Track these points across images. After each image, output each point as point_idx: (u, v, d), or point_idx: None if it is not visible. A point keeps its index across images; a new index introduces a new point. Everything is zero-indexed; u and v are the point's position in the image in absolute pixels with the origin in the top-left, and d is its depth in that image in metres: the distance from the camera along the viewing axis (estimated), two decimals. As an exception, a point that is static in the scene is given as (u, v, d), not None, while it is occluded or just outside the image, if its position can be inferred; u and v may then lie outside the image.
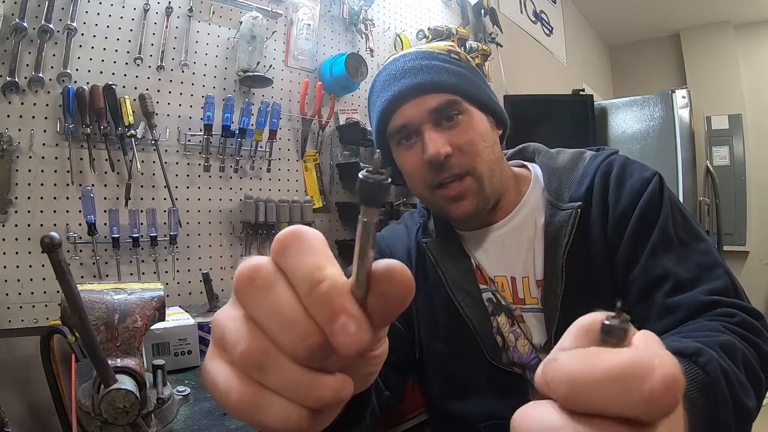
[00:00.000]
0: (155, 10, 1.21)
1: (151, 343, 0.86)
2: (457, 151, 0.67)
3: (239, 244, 1.35)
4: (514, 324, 0.72)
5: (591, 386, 0.20)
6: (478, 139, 0.69)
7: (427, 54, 0.71)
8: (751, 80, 3.75)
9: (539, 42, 3.00)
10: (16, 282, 0.99)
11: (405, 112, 0.69)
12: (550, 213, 0.69)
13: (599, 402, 0.20)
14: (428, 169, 0.68)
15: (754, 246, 3.51)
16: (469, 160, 0.68)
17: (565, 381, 0.20)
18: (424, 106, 0.67)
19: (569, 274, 0.65)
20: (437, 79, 0.68)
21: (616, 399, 0.19)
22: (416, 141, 0.70)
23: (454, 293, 0.72)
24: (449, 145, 0.66)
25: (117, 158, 1.12)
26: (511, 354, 0.72)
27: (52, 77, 1.04)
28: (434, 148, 0.66)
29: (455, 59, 0.72)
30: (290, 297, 0.22)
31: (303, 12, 1.51)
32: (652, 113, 2.31)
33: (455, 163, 0.67)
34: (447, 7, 2.12)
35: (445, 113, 0.68)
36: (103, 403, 0.49)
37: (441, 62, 0.70)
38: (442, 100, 0.67)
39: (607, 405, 0.19)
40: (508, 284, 0.72)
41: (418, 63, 0.70)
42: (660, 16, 3.82)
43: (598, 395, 0.19)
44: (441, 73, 0.69)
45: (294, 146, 1.50)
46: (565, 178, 0.71)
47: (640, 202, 0.64)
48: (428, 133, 0.67)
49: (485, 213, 0.72)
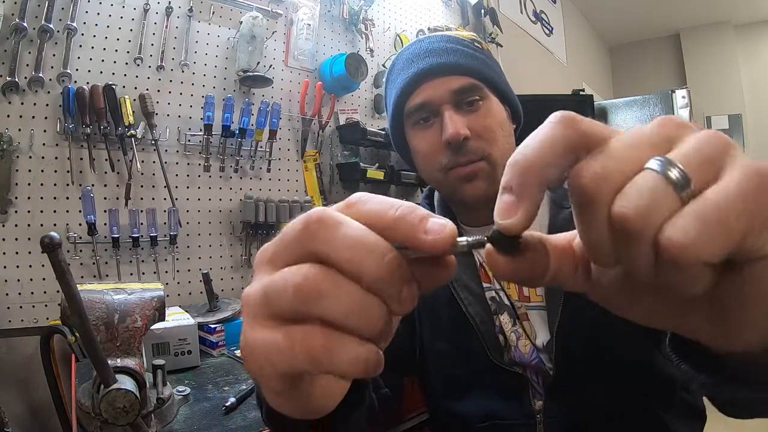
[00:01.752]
0: (155, 10, 1.21)
1: (151, 343, 0.86)
2: (475, 136, 0.67)
3: (239, 244, 1.35)
4: (516, 323, 0.72)
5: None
6: (497, 126, 0.69)
7: (453, 38, 0.72)
8: (751, 80, 3.76)
9: (539, 42, 3.00)
10: (16, 282, 0.99)
11: (426, 91, 0.68)
12: (553, 212, 0.69)
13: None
14: (445, 150, 0.68)
15: (754, 246, 3.50)
16: (486, 145, 0.67)
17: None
18: (447, 87, 0.67)
19: None
20: (462, 62, 0.68)
21: None
22: (434, 122, 0.69)
23: (457, 291, 0.72)
24: (468, 128, 0.66)
25: (117, 158, 1.12)
26: (513, 353, 0.72)
27: (52, 77, 1.04)
28: (454, 128, 0.65)
29: (479, 47, 0.73)
30: (363, 227, 0.21)
31: (303, 12, 1.51)
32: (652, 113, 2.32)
33: (472, 147, 0.67)
34: (447, 7, 2.12)
35: (466, 97, 0.68)
36: (103, 403, 0.49)
37: (465, 47, 0.71)
38: (466, 82, 0.67)
39: None
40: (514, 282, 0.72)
41: (444, 45, 0.70)
42: (660, 16, 3.82)
43: None
44: (466, 57, 0.69)
45: (294, 146, 1.50)
46: None
47: None
48: (448, 113, 0.67)
49: (492, 205, 0.72)
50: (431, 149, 0.70)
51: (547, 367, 0.68)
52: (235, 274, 1.34)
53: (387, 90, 0.78)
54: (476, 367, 0.72)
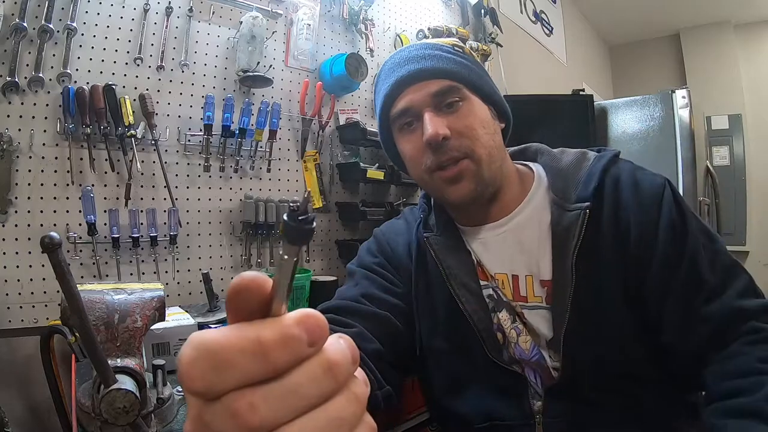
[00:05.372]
0: (155, 10, 1.21)
1: (151, 343, 0.86)
2: (456, 135, 0.69)
3: (239, 244, 1.34)
4: (516, 320, 0.72)
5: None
6: (478, 124, 0.70)
7: (431, 45, 0.74)
8: (751, 80, 3.75)
9: (539, 42, 3.00)
10: (16, 282, 0.99)
11: (408, 96, 0.71)
12: (557, 213, 0.70)
13: None
14: (427, 151, 0.70)
15: (754, 246, 3.51)
16: (468, 143, 0.69)
17: None
18: (426, 90, 0.70)
19: (579, 275, 0.65)
20: (439, 65, 0.71)
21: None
22: (417, 126, 0.72)
23: (454, 289, 0.72)
24: (448, 128, 0.68)
25: (117, 158, 1.12)
26: (512, 351, 0.72)
27: (52, 77, 1.04)
28: (434, 129, 0.67)
29: (459, 51, 0.75)
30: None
31: (303, 12, 1.51)
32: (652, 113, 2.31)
33: (453, 145, 0.69)
34: (447, 7, 2.12)
35: (446, 99, 0.70)
36: (103, 403, 0.49)
37: (444, 52, 0.73)
38: (444, 85, 0.70)
39: None
40: (509, 282, 0.72)
41: (423, 52, 0.73)
42: (660, 16, 3.82)
43: None
44: (444, 61, 0.72)
45: (294, 146, 1.50)
46: (571, 178, 0.71)
47: (662, 217, 0.66)
48: (428, 115, 0.69)
49: (484, 202, 0.73)
50: (416, 152, 0.72)
51: (549, 364, 0.68)
52: (235, 274, 1.31)
53: (375, 99, 0.81)
54: (474, 364, 0.72)
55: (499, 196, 0.74)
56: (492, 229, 0.75)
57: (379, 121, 0.78)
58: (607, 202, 0.68)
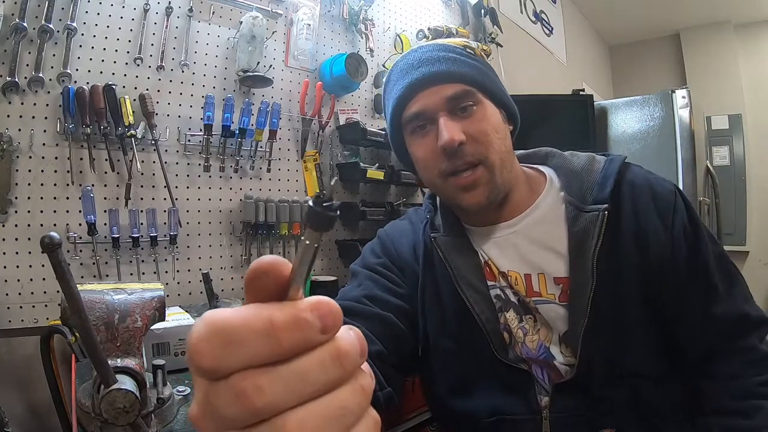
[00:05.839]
0: (155, 10, 1.21)
1: (151, 343, 0.86)
2: (471, 140, 0.69)
3: (239, 244, 1.35)
4: (523, 320, 0.72)
5: None
6: (491, 129, 0.70)
7: (444, 47, 0.74)
8: (751, 80, 3.75)
9: (539, 42, 3.00)
10: (16, 282, 0.99)
11: (422, 100, 0.70)
12: (573, 214, 0.70)
13: None
14: (442, 156, 0.69)
15: (754, 246, 3.50)
16: (482, 149, 0.69)
17: None
18: (441, 95, 0.69)
19: (599, 274, 0.66)
20: (454, 69, 0.70)
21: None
22: (431, 129, 0.71)
23: (462, 289, 0.72)
24: (463, 133, 0.68)
25: (117, 158, 1.12)
26: (519, 350, 0.72)
27: (52, 77, 1.04)
28: (449, 134, 0.67)
29: (471, 53, 0.74)
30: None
31: (303, 12, 1.51)
32: (652, 113, 2.31)
33: (468, 151, 0.68)
34: (447, 7, 2.12)
35: (460, 103, 0.70)
36: (103, 403, 0.49)
37: (457, 55, 0.73)
38: (459, 89, 0.69)
39: None
40: (521, 278, 0.73)
41: (436, 54, 0.72)
42: (660, 16, 3.82)
43: None
44: (458, 64, 0.71)
45: (294, 146, 1.50)
46: (585, 180, 0.72)
47: (677, 224, 0.68)
48: (443, 120, 0.69)
49: (495, 206, 0.73)
50: (429, 156, 0.72)
51: (559, 360, 0.69)
52: (235, 274, 1.34)
53: (385, 100, 0.80)
54: (482, 363, 0.72)
55: (509, 198, 0.74)
56: (501, 230, 0.75)
57: (389, 123, 0.77)
58: (626, 205, 0.69)
